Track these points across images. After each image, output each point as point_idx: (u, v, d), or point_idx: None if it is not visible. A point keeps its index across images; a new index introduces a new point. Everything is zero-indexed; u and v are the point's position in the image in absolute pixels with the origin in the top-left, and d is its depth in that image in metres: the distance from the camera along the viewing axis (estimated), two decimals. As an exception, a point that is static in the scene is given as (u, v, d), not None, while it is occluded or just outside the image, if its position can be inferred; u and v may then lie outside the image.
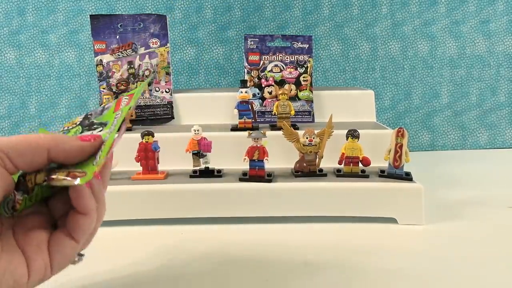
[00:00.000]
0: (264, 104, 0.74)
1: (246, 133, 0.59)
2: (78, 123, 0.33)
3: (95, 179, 0.29)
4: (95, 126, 0.32)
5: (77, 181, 0.27)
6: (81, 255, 0.32)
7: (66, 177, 0.27)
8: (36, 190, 0.29)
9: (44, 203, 0.32)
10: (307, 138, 0.58)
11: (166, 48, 0.73)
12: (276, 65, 0.76)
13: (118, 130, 0.30)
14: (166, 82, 0.74)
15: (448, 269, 0.44)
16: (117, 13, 0.94)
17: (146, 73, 0.73)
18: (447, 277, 0.43)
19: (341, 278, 0.43)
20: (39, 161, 0.28)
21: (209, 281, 0.43)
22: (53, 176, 0.28)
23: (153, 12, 0.93)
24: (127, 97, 0.33)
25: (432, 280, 0.42)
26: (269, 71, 0.76)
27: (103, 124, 0.32)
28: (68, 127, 0.34)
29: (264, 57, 0.76)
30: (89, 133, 0.31)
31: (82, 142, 0.29)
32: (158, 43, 0.73)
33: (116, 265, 0.45)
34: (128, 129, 0.68)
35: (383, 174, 0.59)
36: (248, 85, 0.70)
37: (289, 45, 0.76)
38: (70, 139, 0.29)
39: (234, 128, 0.67)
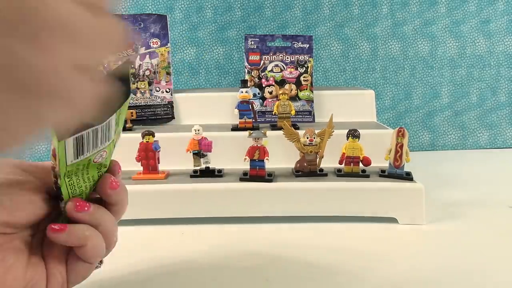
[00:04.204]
0: (264, 104, 0.74)
1: (246, 133, 0.59)
2: None
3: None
4: None
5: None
6: (100, 262, 0.32)
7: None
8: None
9: None
10: (307, 138, 0.58)
11: (166, 48, 0.73)
12: (276, 65, 0.76)
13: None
14: (166, 82, 0.74)
15: (449, 269, 0.44)
16: (117, 13, 0.94)
17: (147, 73, 0.73)
18: (448, 276, 0.43)
19: (341, 278, 0.43)
20: None
21: (209, 281, 0.43)
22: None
23: (154, 12, 0.93)
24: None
25: (433, 280, 0.42)
26: (269, 71, 0.76)
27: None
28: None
29: (265, 57, 0.76)
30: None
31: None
32: (159, 43, 0.73)
33: (116, 265, 0.45)
34: (129, 129, 0.68)
35: (383, 174, 0.59)
36: (248, 85, 0.70)
37: (290, 45, 0.76)
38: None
39: (235, 128, 0.67)
